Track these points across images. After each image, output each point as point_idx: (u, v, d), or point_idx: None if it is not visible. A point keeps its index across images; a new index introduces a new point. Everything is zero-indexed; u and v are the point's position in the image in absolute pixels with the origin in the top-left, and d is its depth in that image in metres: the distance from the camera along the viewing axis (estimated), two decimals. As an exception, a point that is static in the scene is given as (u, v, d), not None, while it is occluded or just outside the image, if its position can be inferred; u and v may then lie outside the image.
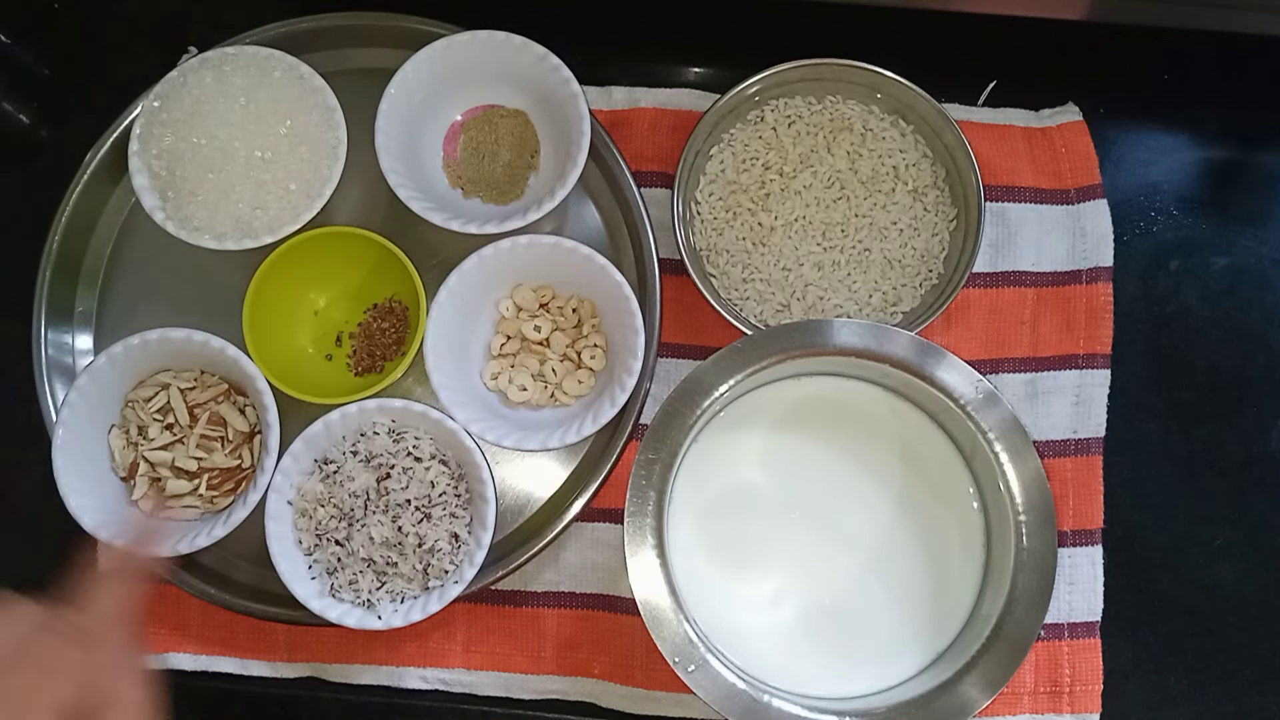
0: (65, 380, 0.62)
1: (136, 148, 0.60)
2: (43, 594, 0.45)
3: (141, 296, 0.64)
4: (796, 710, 0.50)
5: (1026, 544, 0.52)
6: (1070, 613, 0.60)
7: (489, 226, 0.59)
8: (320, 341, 0.63)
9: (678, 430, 0.53)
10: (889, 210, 0.61)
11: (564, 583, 0.61)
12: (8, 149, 0.69)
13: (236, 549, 0.61)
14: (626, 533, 0.52)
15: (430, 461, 0.57)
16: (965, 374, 0.53)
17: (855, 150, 0.61)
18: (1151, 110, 0.66)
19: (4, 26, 0.70)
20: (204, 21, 0.67)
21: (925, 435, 0.56)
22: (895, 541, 0.56)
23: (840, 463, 0.57)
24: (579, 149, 0.58)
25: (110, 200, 0.65)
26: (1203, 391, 0.62)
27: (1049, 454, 0.61)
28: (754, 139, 0.62)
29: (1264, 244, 0.64)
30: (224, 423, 0.59)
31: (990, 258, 0.63)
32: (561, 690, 0.60)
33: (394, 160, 0.59)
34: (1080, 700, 0.59)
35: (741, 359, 0.53)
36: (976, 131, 0.63)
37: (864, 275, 0.60)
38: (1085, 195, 0.63)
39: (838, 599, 0.55)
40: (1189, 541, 0.61)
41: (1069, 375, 0.62)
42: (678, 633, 0.50)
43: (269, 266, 0.59)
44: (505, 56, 0.61)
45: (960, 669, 0.51)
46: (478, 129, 0.63)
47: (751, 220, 0.61)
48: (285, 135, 0.59)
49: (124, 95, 0.63)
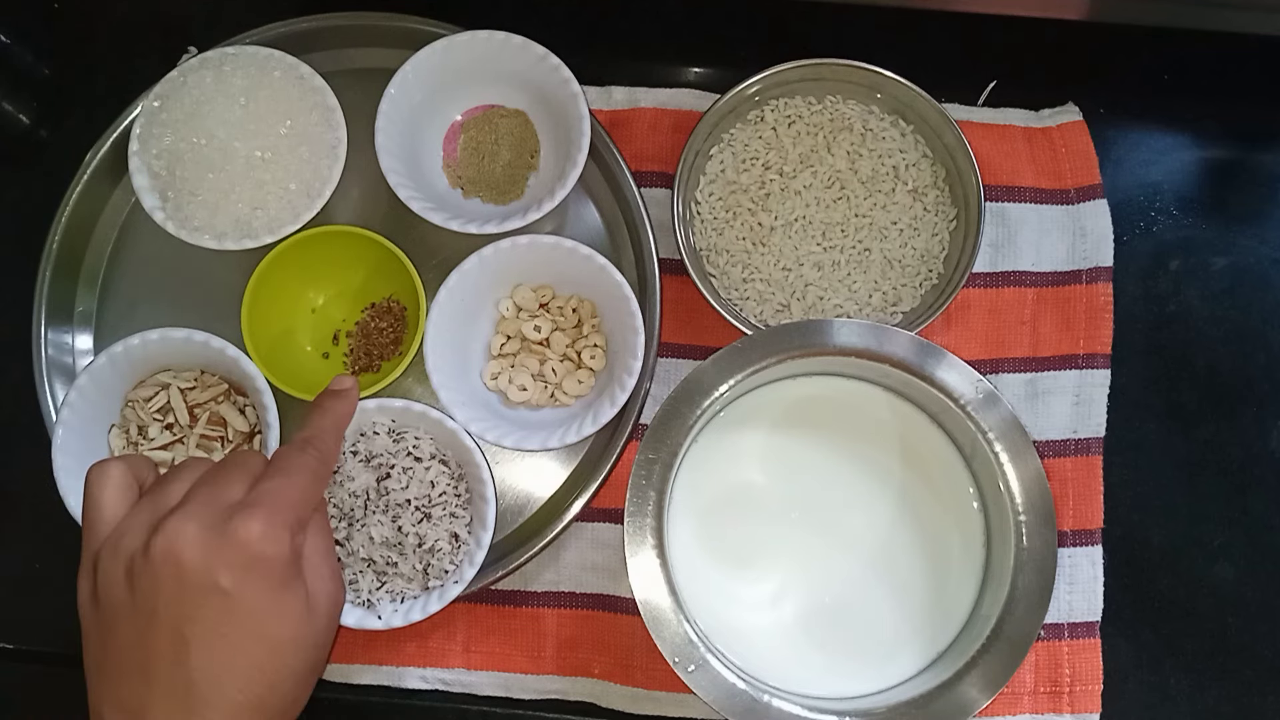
0: (65, 380, 0.62)
1: (136, 148, 0.60)
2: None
3: (141, 296, 0.64)
4: (796, 710, 0.50)
5: (1026, 544, 0.52)
6: (1070, 613, 0.60)
7: (489, 226, 0.59)
8: (317, 339, 0.63)
9: (678, 430, 0.53)
10: (889, 210, 0.61)
11: (564, 583, 0.61)
12: (8, 149, 0.69)
13: (236, 549, 0.61)
14: (626, 533, 0.52)
15: (430, 461, 0.57)
16: (965, 374, 0.53)
17: (855, 150, 0.61)
18: (1151, 110, 0.66)
19: (4, 26, 0.70)
20: (204, 21, 0.67)
21: (925, 435, 0.56)
22: (895, 541, 0.56)
23: (840, 463, 0.57)
24: (579, 149, 0.58)
25: (110, 200, 0.65)
26: (1203, 391, 0.62)
27: (1049, 454, 0.61)
28: (754, 139, 0.62)
29: (1264, 244, 0.64)
30: (224, 423, 0.59)
31: (990, 258, 0.63)
32: (561, 690, 0.60)
33: (394, 160, 0.59)
34: (1080, 700, 0.59)
35: (741, 359, 0.53)
36: (976, 131, 0.63)
37: (864, 275, 0.60)
38: (1085, 195, 0.63)
39: (838, 599, 0.55)
40: (1189, 541, 0.61)
41: (1069, 375, 0.62)
42: (678, 633, 0.50)
43: (269, 264, 0.59)
44: (505, 56, 0.61)
45: (960, 669, 0.51)
46: (478, 129, 0.63)
47: (751, 220, 0.61)
48: (285, 135, 0.59)
49: (124, 95, 0.63)
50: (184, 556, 0.42)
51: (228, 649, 0.42)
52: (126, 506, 0.45)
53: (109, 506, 0.45)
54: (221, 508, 0.44)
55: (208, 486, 0.45)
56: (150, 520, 0.44)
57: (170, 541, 0.42)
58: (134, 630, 0.42)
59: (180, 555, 0.42)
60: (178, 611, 0.42)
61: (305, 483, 0.47)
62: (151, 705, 0.42)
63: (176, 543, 0.42)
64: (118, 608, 0.43)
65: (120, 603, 0.43)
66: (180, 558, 0.42)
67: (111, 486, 0.46)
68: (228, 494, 0.45)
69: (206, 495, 0.44)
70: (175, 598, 0.42)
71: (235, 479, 0.46)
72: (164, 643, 0.42)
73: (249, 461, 0.47)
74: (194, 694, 0.41)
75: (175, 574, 0.42)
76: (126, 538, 0.44)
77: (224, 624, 0.42)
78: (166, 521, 0.43)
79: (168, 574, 0.42)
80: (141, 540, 0.43)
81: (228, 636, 0.42)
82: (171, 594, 0.42)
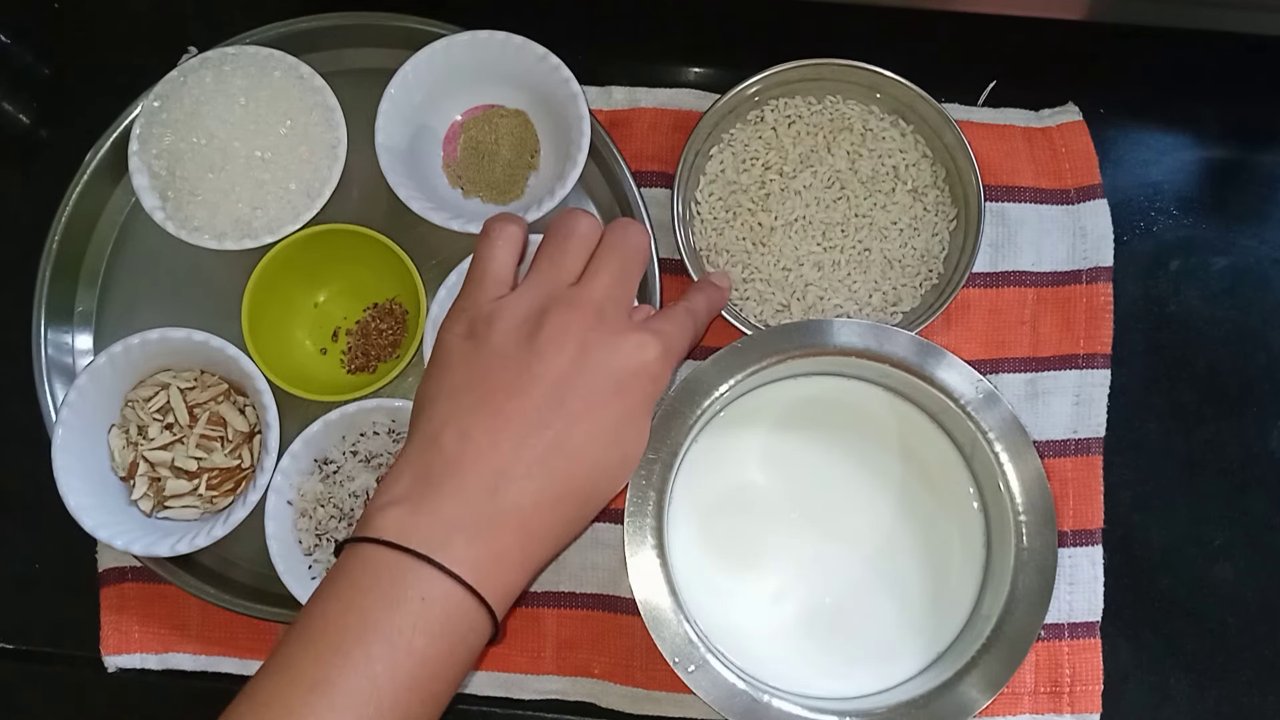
0: (65, 380, 0.62)
1: (136, 148, 0.60)
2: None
3: (141, 296, 0.64)
4: (796, 710, 0.50)
5: (1026, 544, 0.52)
6: (1070, 613, 0.60)
7: (489, 226, 0.59)
8: (316, 335, 0.63)
9: (678, 430, 0.53)
10: (889, 210, 0.61)
11: (564, 583, 0.61)
12: (8, 149, 0.69)
13: (236, 549, 0.61)
14: (626, 533, 0.52)
15: (430, 461, 0.57)
16: (965, 374, 0.53)
17: (855, 150, 0.61)
18: (1151, 110, 0.66)
19: (4, 26, 0.70)
20: (204, 21, 0.67)
21: (925, 435, 0.56)
22: (895, 541, 0.56)
23: (840, 463, 0.57)
24: (579, 149, 0.58)
25: (110, 200, 0.65)
26: (1203, 391, 0.62)
27: (1049, 454, 0.61)
28: (754, 139, 0.62)
29: (1264, 244, 0.64)
30: (224, 422, 0.59)
31: (990, 258, 0.63)
32: (561, 690, 0.60)
33: (394, 160, 0.59)
34: (1080, 700, 0.59)
35: (741, 359, 0.54)
36: (976, 131, 0.63)
37: (864, 275, 0.60)
38: (1085, 195, 0.63)
39: (838, 599, 0.55)
40: (1189, 541, 0.61)
41: (1069, 375, 0.62)
42: (678, 633, 0.50)
43: (269, 263, 0.58)
44: (505, 56, 0.61)
45: (960, 669, 0.51)
46: (478, 129, 0.63)
47: (751, 220, 0.61)
48: (285, 135, 0.59)
49: (124, 95, 0.63)
50: (590, 340, 0.46)
51: (594, 429, 0.46)
52: (514, 266, 0.50)
53: (502, 261, 0.50)
54: (634, 316, 0.49)
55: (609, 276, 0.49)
56: (553, 290, 0.48)
57: (583, 325, 0.46)
58: (513, 377, 0.46)
59: (587, 339, 0.46)
60: (569, 380, 0.45)
61: (684, 343, 0.51)
62: (503, 436, 0.45)
63: (589, 331, 0.46)
64: (505, 354, 0.46)
65: (508, 352, 0.46)
66: (586, 339, 0.46)
67: (511, 243, 0.50)
68: (631, 294, 0.50)
69: (617, 294, 0.49)
70: (573, 369, 0.46)
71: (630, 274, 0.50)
72: (541, 397, 0.45)
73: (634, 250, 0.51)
74: (548, 445, 0.45)
75: (579, 351, 0.46)
76: (529, 301, 0.48)
77: (602, 409, 0.46)
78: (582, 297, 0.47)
79: (572, 346, 0.46)
80: (541, 305, 0.47)
81: (600, 421, 0.46)
82: (570, 364, 0.46)
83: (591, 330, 0.46)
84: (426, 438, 0.46)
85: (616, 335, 0.47)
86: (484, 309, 0.48)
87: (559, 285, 0.48)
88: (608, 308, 0.48)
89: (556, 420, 0.45)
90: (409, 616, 0.42)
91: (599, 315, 0.47)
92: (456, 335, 0.48)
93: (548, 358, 0.45)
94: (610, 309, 0.48)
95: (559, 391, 0.45)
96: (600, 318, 0.47)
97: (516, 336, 0.46)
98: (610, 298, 0.48)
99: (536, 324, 0.46)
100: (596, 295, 0.48)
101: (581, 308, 0.47)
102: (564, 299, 0.47)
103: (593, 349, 0.46)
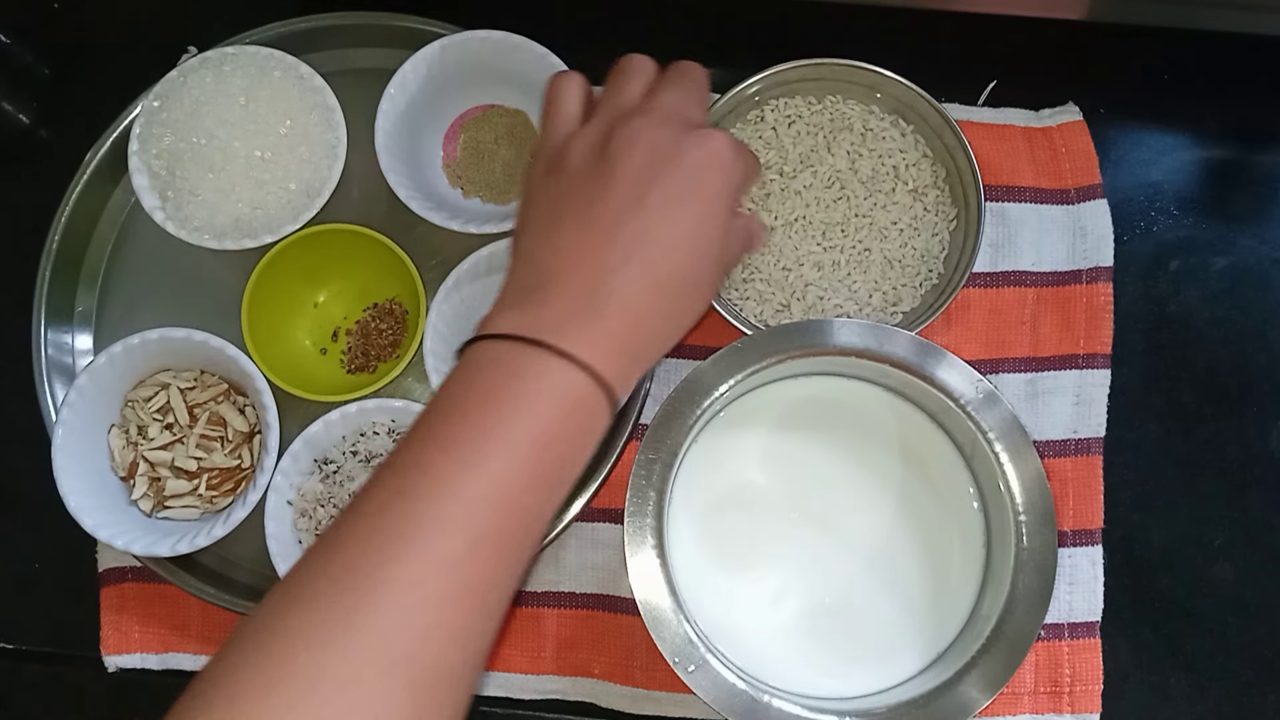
0: (65, 380, 0.62)
1: (136, 148, 0.60)
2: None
3: (141, 296, 0.64)
4: (796, 710, 0.50)
5: (1026, 544, 0.52)
6: (1070, 613, 0.60)
7: (489, 226, 0.59)
8: (316, 335, 0.63)
9: (678, 430, 0.53)
10: (889, 210, 0.61)
11: (564, 583, 0.61)
12: (8, 149, 0.69)
13: (236, 549, 0.61)
14: (626, 533, 0.52)
15: (430, 461, 0.57)
16: (965, 374, 0.53)
17: (855, 150, 0.61)
18: (1151, 110, 0.66)
19: (4, 26, 0.70)
20: (204, 21, 0.67)
21: (925, 435, 0.56)
22: (895, 541, 0.56)
23: (840, 463, 0.57)
24: (579, 149, 0.58)
25: (110, 200, 0.65)
26: (1203, 391, 0.62)
27: (1049, 454, 0.61)
28: (754, 139, 0.62)
29: (1264, 244, 0.64)
30: (224, 423, 0.59)
31: (990, 258, 0.63)
32: (561, 690, 0.60)
33: (394, 160, 0.59)
34: (1080, 700, 0.59)
35: (741, 359, 0.53)
36: (976, 131, 0.63)
37: (864, 275, 0.60)
38: (1085, 195, 0.63)
39: (838, 599, 0.55)
40: (1189, 541, 0.61)
41: (1069, 375, 0.62)
42: (678, 633, 0.50)
43: (269, 263, 0.59)
44: (505, 56, 0.61)
45: (960, 669, 0.51)
46: (477, 129, 0.63)
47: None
48: (285, 135, 0.59)
49: (124, 95, 0.63)
50: (656, 140, 0.48)
51: (677, 217, 0.47)
52: (582, 106, 0.52)
53: (571, 101, 0.52)
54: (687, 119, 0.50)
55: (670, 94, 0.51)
56: (618, 112, 0.50)
57: (650, 129, 0.48)
58: (593, 188, 0.48)
59: (654, 140, 0.48)
60: (644, 179, 0.47)
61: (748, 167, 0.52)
62: (591, 237, 0.47)
63: (654, 131, 0.48)
64: (582, 173, 0.48)
65: (585, 170, 0.48)
66: (654, 139, 0.48)
67: (577, 88, 0.53)
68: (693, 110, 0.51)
69: (680, 107, 0.50)
70: (645, 167, 0.47)
71: (693, 96, 0.52)
72: (621, 197, 0.47)
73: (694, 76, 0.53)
74: (635, 235, 0.46)
75: (648, 151, 0.48)
76: (598, 125, 0.50)
77: (682, 201, 0.47)
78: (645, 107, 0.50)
79: (642, 148, 0.48)
80: (610, 125, 0.49)
81: (681, 210, 0.47)
82: (643, 163, 0.47)
83: (657, 130, 0.48)
84: (522, 260, 0.48)
85: (683, 132, 0.49)
86: (558, 145, 0.50)
87: (623, 108, 0.50)
88: (672, 116, 0.50)
89: (640, 213, 0.47)
90: (530, 397, 0.44)
91: (664, 120, 0.49)
92: (538, 174, 0.50)
93: (620, 163, 0.47)
94: (674, 117, 0.50)
95: (637, 189, 0.47)
96: (665, 122, 0.49)
97: (590, 155, 0.49)
98: (674, 109, 0.50)
99: (606, 139, 0.49)
100: (661, 105, 0.50)
101: (646, 114, 0.49)
102: (629, 112, 0.50)
103: (660, 146, 0.48)
